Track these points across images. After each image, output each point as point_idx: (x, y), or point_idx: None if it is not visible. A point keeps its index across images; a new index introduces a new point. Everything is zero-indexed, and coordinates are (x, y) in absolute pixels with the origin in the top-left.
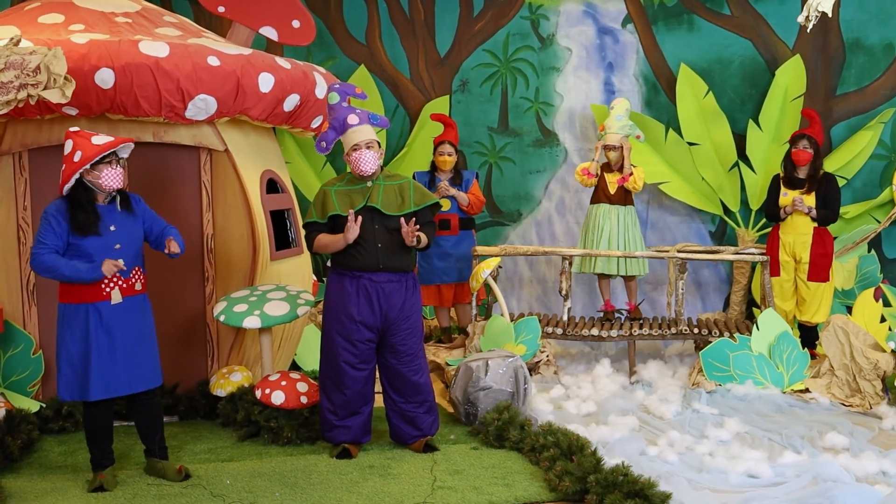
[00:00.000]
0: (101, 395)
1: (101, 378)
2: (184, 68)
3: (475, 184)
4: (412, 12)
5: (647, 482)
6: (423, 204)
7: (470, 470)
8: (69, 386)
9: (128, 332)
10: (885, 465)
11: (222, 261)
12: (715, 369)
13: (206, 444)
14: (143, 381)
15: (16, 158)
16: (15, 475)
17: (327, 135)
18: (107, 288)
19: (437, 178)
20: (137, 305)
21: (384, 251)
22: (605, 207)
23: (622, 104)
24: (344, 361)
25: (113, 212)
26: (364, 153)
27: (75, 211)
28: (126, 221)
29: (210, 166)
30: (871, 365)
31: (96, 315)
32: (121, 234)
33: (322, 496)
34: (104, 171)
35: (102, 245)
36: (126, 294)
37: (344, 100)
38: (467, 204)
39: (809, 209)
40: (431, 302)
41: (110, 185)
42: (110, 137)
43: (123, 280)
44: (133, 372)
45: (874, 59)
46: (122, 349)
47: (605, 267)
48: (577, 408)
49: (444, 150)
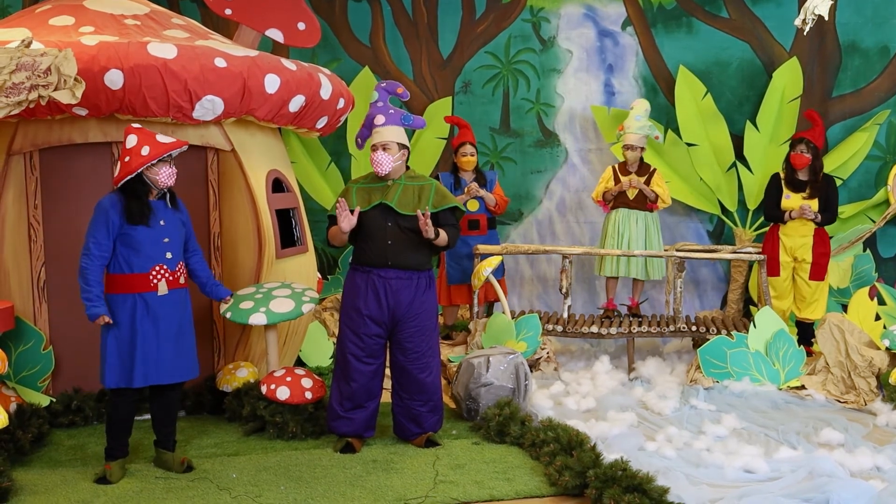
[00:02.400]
0: (145, 383)
1: (146, 366)
2: (191, 70)
3: (498, 184)
4: (415, 15)
5: (646, 477)
6: (441, 206)
7: (471, 465)
8: (114, 373)
9: (171, 322)
10: (879, 460)
11: (229, 259)
12: (712, 366)
13: (212, 439)
14: (184, 371)
15: (27, 158)
16: (26, 468)
17: (362, 132)
18: (154, 280)
19: (462, 179)
20: (181, 298)
21: (394, 248)
22: (623, 212)
23: (642, 104)
24: (351, 354)
25: (163, 208)
26: (378, 154)
27: (130, 202)
28: (174, 218)
29: (217, 166)
30: (866, 362)
31: (143, 305)
32: (170, 229)
33: (326, 490)
34: (162, 169)
35: (152, 236)
36: (172, 287)
37: (383, 99)
38: (494, 204)
39: (816, 215)
40: (464, 301)
41: (166, 181)
42: (173, 138)
43: (170, 273)
44: (175, 362)
45: (870, 61)
46: (167, 339)
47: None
48: (576, 404)
49: (466, 151)
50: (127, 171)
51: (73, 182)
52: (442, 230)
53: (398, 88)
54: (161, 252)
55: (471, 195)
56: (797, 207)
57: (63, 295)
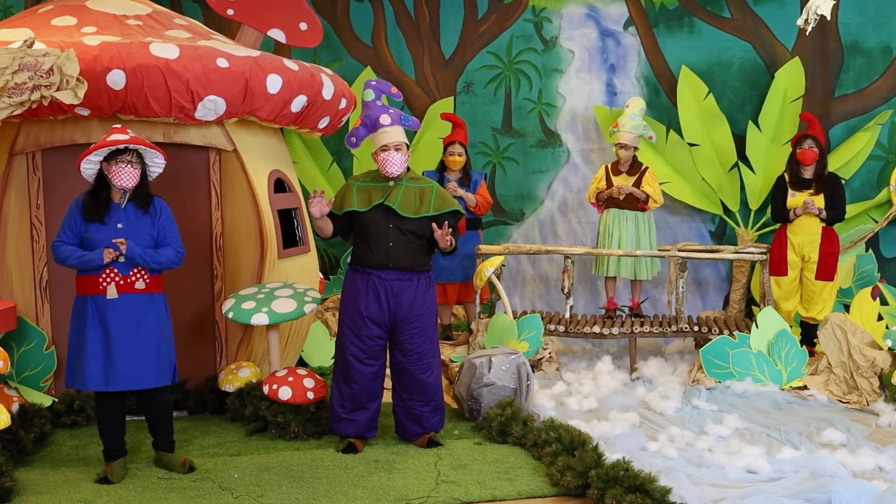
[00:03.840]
0: (96, 387)
1: (95, 369)
2: (193, 70)
3: (483, 185)
4: (417, 15)
5: (648, 477)
6: (442, 210)
7: (473, 465)
8: (69, 373)
9: (124, 328)
10: (881, 460)
11: (231, 259)
12: (714, 366)
13: (214, 439)
14: (144, 378)
15: (29, 158)
16: (28, 468)
17: (358, 131)
18: (103, 283)
19: (446, 178)
20: (138, 304)
21: (395, 250)
22: (614, 212)
23: (637, 103)
24: (352, 355)
25: (129, 211)
26: (392, 155)
27: (87, 197)
28: (138, 221)
29: (219, 166)
30: (869, 362)
31: (93, 307)
32: (126, 233)
33: (328, 490)
34: (117, 167)
35: (106, 236)
36: (123, 291)
37: (378, 98)
38: (475, 205)
39: (820, 211)
40: (440, 300)
41: (121, 182)
42: (125, 135)
43: (121, 277)
44: (131, 369)
45: (872, 61)
46: (119, 344)
47: (616, 270)
48: (578, 404)
49: (454, 151)
50: (78, 161)
51: (76, 182)
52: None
53: (392, 88)
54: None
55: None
56: (801, 204)
57: (65, 295)
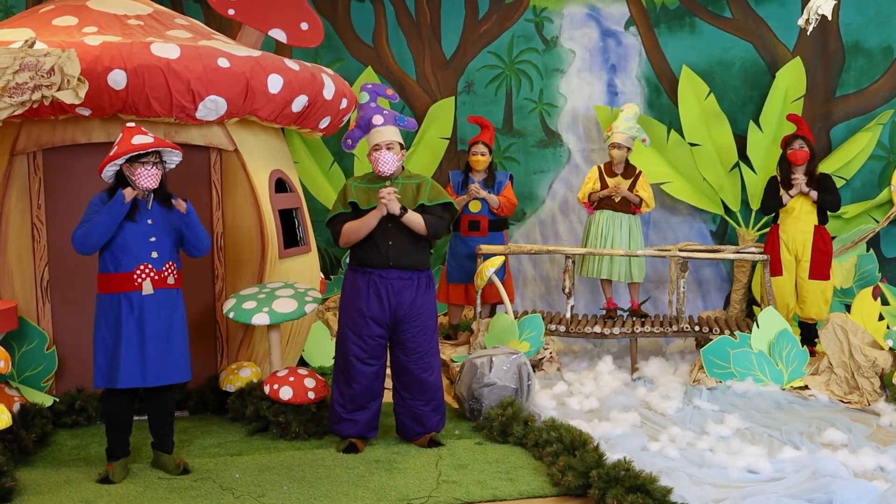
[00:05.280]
0: (129, 384)
1: (130, 367)
2: (194, 70)
3: (508, 185)
4: (418, 15)
5: (649, 477)
6: (435, 201)
7: (474, 465)
8: (101, 373)
9: (159, 324)
10: (882, 460)
11: (232, 259)
12: (715, 366)
13: (215, 439)
14: (173, 373)
15: (30, 158)
16: (29, 468)
17: (354, 133)
18: (138, 279)
19: (471, 178)
20: (169, 299)
21: (395, 248)
22: (608, 214)
23: (631, 108)
24: (353, 356)
25: (154, 208)
26: (383, 154)
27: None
28: (164, 218)
29: (220, 166)
30: (870, 362)
31: (128, 305)
32: (157, 229)
33: (329, 490)
34: (140, 169)
35: (138, 234)
36: (157, 286)
37: (373, 100)
38: (498, 206)
39: (810, 190)
40: (458, 300)
41: (143, 184)
42: (149, 138)
43: (155, 272)
44: (163, 364)
45: (873, 61)
46: (153, 340)
47: (609, 272)
48: (579, 404)
49: (477, 150)
50: (101, 166)
51: (77, 182)
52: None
53: (388, 90)
54: (146, 251)
55: (471, 196)
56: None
57: (66, 295)
